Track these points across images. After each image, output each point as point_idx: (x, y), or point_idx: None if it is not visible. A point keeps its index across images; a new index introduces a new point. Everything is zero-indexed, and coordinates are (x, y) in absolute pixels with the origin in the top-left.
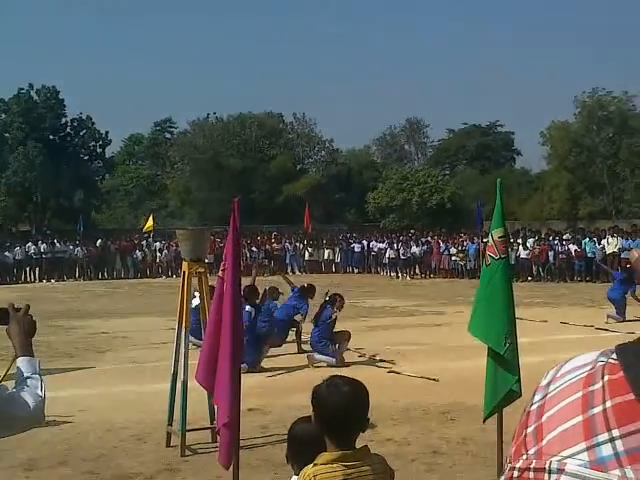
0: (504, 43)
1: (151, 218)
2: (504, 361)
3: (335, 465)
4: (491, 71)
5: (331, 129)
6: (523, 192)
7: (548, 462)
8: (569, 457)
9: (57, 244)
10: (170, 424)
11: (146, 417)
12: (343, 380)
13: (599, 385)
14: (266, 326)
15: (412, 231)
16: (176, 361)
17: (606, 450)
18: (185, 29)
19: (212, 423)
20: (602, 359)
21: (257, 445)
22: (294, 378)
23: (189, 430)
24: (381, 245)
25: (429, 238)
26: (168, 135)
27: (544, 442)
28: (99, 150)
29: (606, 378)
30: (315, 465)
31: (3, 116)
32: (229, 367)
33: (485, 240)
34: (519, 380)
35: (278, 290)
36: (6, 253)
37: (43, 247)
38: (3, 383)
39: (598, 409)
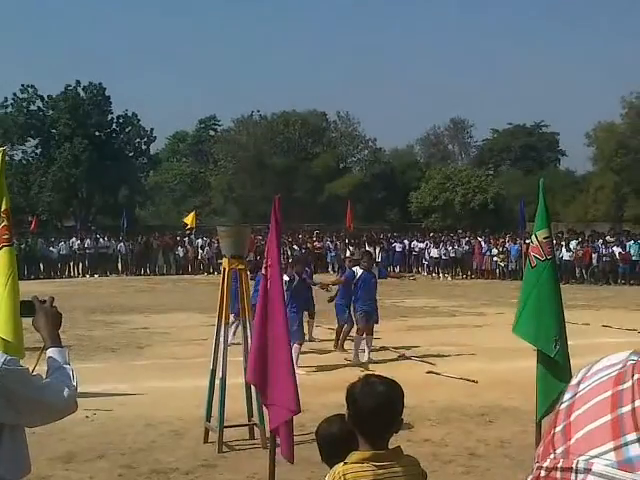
0: (550, 43)
1: (192, 214)
2: (555, 364)
3: (365, 464)
4: (536, 71)
5: (375, 128)
6: (567, 193)
7: (575, 461)
8: (596, 457)
9: (101, 240)
10: (208, 420)
11: (184, 413)
12: (379, 379)
13: (629, 384)
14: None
15: (459, 231)
16: (215, 358)
17: (634, 450)
18: (228, 29)
19: (249, 420)
20: (633, 358)
21: (294, 443)
22: (331, 376)
23: (227, 426)
24: (422, 245)
25: (468, 238)
26: (212, 133)
27: (572, 441)
28: (144, 147)
29: (636, 377)
30: (345, 464)
31: (50, 112)
32: (285, 361)
33: (528, 241)
34: None
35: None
36: (51, 248)
37: (87, 242)
38: (36, 372)
39: (627, 408)
